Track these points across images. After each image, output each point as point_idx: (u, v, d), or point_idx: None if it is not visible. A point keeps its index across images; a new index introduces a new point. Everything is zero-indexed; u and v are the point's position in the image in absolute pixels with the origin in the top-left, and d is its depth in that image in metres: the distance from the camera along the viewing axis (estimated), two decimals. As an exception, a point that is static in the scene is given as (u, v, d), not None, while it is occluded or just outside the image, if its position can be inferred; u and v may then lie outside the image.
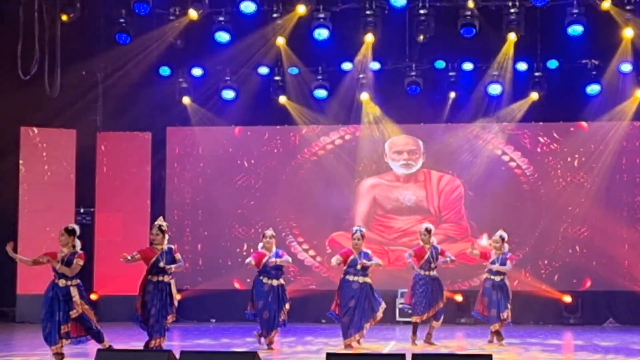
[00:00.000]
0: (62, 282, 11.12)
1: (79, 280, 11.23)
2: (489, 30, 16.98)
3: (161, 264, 11.47)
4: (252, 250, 15.01)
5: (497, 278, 13.55)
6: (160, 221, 11.82)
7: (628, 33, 16.62)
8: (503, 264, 13.53)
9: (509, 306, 13.51)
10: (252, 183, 18.84)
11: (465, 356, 10.11)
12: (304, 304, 17.49)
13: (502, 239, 13.68)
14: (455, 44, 17.38)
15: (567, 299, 17.68)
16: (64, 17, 16.18)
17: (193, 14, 16.64)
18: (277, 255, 13.01)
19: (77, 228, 11.45)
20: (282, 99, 18.41)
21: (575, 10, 16.30)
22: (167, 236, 11.74)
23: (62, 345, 11.10)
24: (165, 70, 18.31)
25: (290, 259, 13.33)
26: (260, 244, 13.14)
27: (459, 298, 17.74)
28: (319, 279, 18.43)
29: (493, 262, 13.57)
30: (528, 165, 18.29)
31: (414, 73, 17.80)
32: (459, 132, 18.50)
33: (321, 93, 18.21)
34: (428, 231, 13.48)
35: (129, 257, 11.36)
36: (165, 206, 18.81)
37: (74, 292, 11.09)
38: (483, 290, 13.66)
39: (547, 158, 18.26)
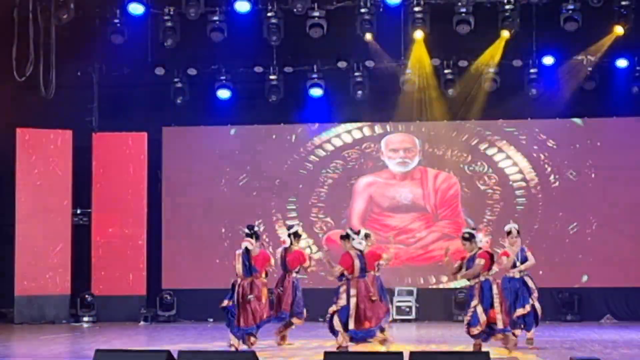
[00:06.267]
0: None
1: None
2: (484, 27, 16.98)
3: None
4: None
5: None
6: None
7: (619, 29, 16.70)
8: (525, 259, 13.16)
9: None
10: (248, 182, 18.83)
11: (462, 353, 10.11)
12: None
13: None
14: (451, 41, 17.39)
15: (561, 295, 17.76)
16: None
17: (191, 14, 16.63)
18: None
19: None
20: (278, 98, 18.38)
21: (571, 7, 16.34)
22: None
23: None
24: (160, 70, 18.29)
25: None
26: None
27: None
28: (315, 277, 18.39)
29: (514, 265, 13.00)
30: (524, 162, 18.29)
31: (409, 71, 17.81)
32: (455, 129, 18.50)
33: (316, 92, 18.22)
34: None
35: None
36: (162, 206, 18.83)
37: None
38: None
39: (543, 155, 18.27)
